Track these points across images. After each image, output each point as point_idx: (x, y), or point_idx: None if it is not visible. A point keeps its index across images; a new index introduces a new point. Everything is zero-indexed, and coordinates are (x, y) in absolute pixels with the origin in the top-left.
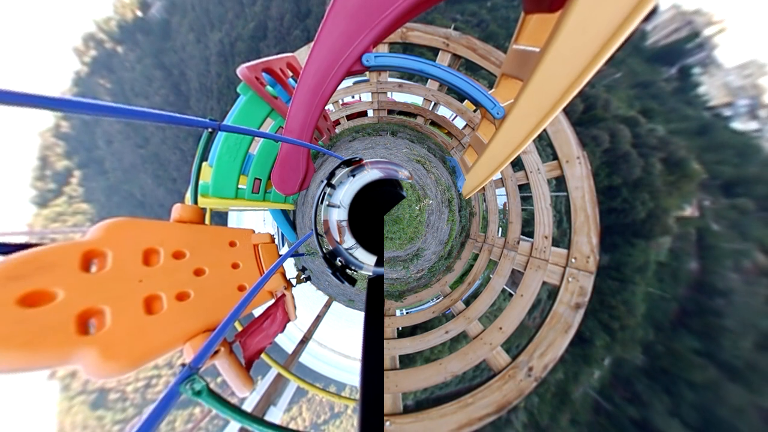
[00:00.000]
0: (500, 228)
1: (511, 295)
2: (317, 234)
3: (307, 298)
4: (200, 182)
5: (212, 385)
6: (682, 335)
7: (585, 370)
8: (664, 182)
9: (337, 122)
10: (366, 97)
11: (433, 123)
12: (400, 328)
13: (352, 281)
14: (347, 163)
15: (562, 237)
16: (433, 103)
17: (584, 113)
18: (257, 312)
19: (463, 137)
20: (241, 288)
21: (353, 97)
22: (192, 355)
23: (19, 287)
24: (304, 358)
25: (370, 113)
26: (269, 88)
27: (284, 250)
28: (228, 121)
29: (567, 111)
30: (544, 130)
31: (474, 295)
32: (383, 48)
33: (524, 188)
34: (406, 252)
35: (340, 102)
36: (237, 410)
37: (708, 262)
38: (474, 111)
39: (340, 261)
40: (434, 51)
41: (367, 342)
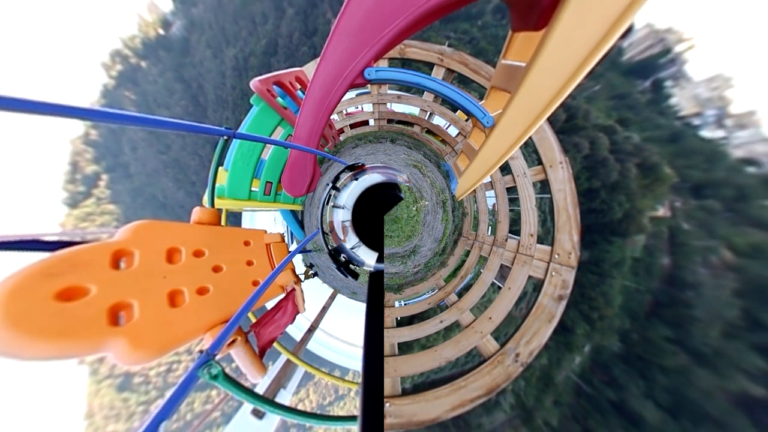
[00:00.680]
0: (490, 227)
1: (500, 288)
2: (323, 232)
3: (315, 291)
4: (217, 185)
5: (227, 371)
6: (656, 324)
7: (567, 356)
8: (639, 185)
9: (342, 130)
10: (368, 108)
11: (429, 131)
12: (399, 318)
13: (355, 275)
14: (350, 168)
15: (546, 235)
16: (429, 113)
17: (566, 122)
18: (270, 305)
19: (456, 144)
20: (255, 283)
21: (356, 108)
22: (210, 343)
23: (56, 283)
24: (311, 346)
25: (372, 122)
26: (279, 100)
27: (293, 247)
28: (242, 130)
29: (551, 120)
30: (530, 138)
31: (466, 288)
32: (383, 63)
33: (512, 191)
34: (404, 249)
35: (344, 112)
36: (250, 392)
37: (679, 258)
38: (466, 120)
39: (344, 257)
40: (430, 66)
41: (369, 330)
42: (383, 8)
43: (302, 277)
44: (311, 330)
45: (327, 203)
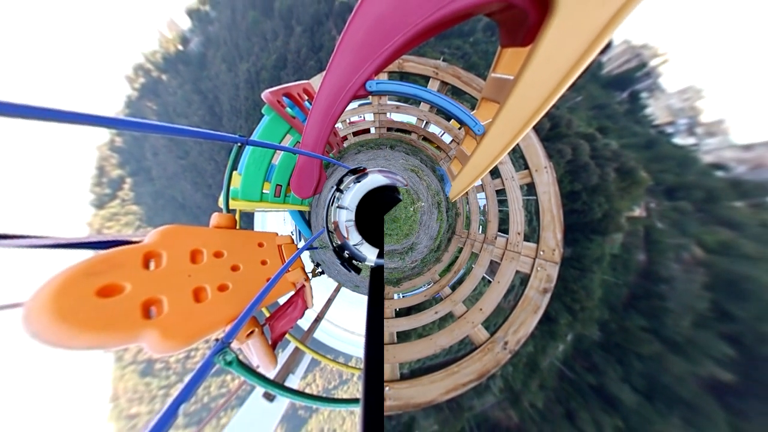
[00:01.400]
0: (481, 226)
1: (490, 282)
2: (328, 231)
3: (321, 284)
4: (231, 188)
5: (241, 357)
6: (632, 315)
7: (551, 344)
8: (617, 188)
9: (345, 138)
10: (369, 117)
11: (425, 138)
12: (397, 309)
13: (358, 270)
14: (353, 172)
15: (532, 233)
16: (425, 122)
17: (551, 130)
18: (282, 301)
19: (450, 150)
20: (269, 280)
21: (359, 117)
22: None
23: (97, 281)
24: (318, 334)
25: (373, 130)
26: (289, 110)
27: (301, 244)
28: (254, 137)
29: (536, 128)
30: (517, 144)
31: (459, 282)
32: (383, 76)
33: (500, 193)
34: (403, 246)
35: (348, 121)
36: (262, 377)
37: (653, 255)
38: (459, 128)
39: (348, 253)
40: (426, 78)
41: (370, 320)
42: (383, 26)
43: (311, 275)
44: (318, 320)
45: (332, 204)
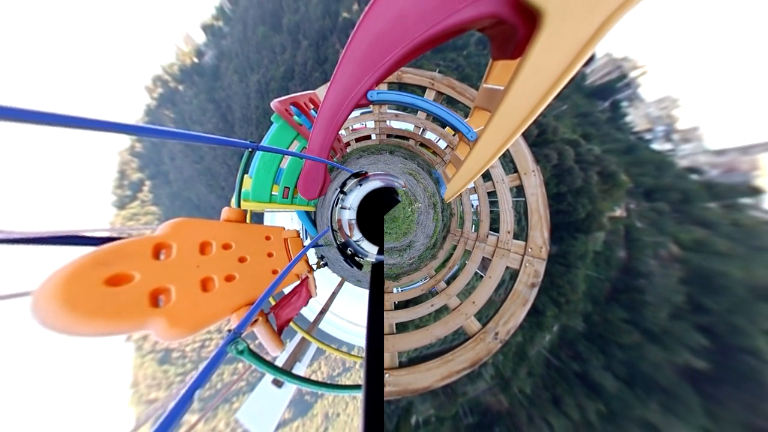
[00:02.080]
0: (473, 225)
1: (482, 277)
2: (333, 230)
3: (325, 279)
4: (243, 190)
5: (251, 347)
6: (614, 307)
7: (539, 335)
8: (600, 190)
9: (348, 144)
10: (370, 125)
11: (422, 144)
12: (396, 302)
13: (360, 266)
14: (356, 175)
15: (521, 232)
16: (422, 129)
17: (538, 136)
18: (287, 290)
19: (445, 155)
20: (275, 272)
21: (361, 125)
22: (236, 323)
23: (106, 271)
24: (323, 325)
25: (374, 137)
26: (296, 118)
27: (307, 242)
28: (264, 143)
29: (525, 135)
30: (507, 150)
31: (453, 277)
32: (383, 86)
33: (492, 194)
34: (401, 243)
35: (350, 128)
36: (271, 365)
37: (633, 252)
38: (453, 135)
39: (350, 250)
40: (422, 89)
41: (371, 313)
42: (383, 41)
43: (314, 267)
44: (322, 312)
45: (336, 205)
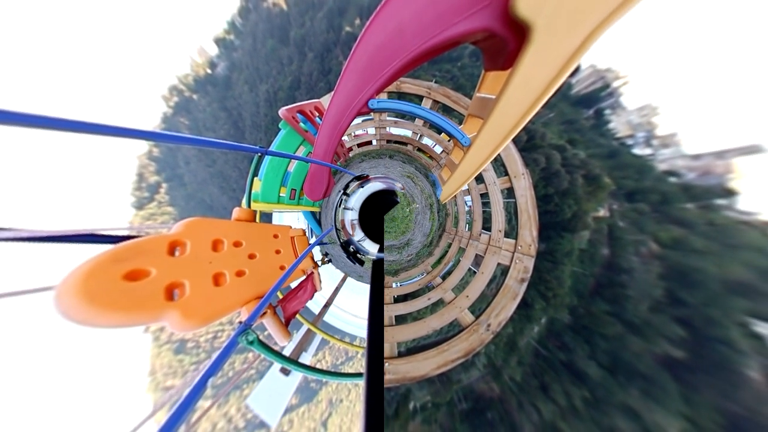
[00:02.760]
0: (467, 224)
1: (475, 273)
2: (336, 229)
3: (329, 275)
4: (252, 191)
5: (261, 337)
6: (597, 301)
7: (528, 326)
8: (584, 192)
9: (351, 149)
10: (371, 131)
11: (419, 149)
12: (396, 296)
13: (361, 263)
14: (358, 178)
15: (512, 231)
16: (419, 135)
17: (527, 142)
18: (294, 285)
19: (441, 159)
20: (282, 268)
21: (362, 131)
22: (247, 315)
23: (124, 267)
24: (327, 318)
25: (374, 142)
26: (302, 125)
27: (312, 240)
28: (272, 148)
29: (515, 140)
30: (499, 154)
31: (448, 273)
32: (383, 95)
33: (484, 196)
34: (400, 242)
35: (353, 134)
36: (279, 355)
37: (616, 249)
38: (448, 141)
39: (353, 248)
40: (420, 98)
41: (372, 306)
42: (383, 53)
43: (319, 263)
44: (327, 305)
45: (339, 206)
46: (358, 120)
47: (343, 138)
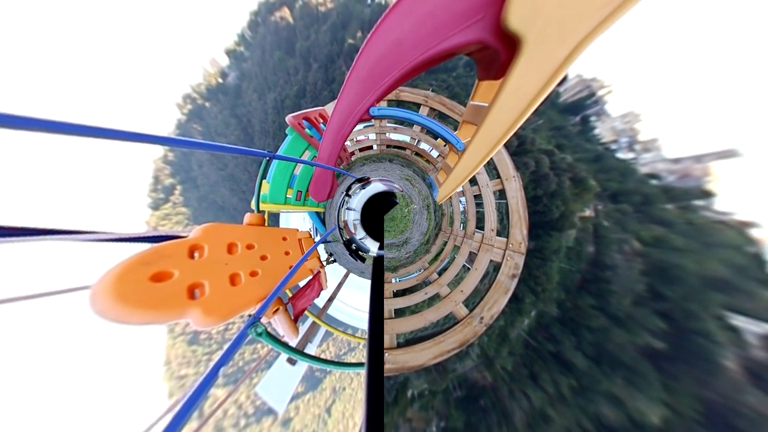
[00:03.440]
0: (462, 224)
1: (469, 269)
2: (339, 228)
3: (333, 271)
4: (261, 193)
5: (268, 329)
6: (583, 295)
7: (518, 319)
8: (571, 193)
9: (353, 153)
10: (372, 136)
11: (417, 153)
12: (395, 291)
13: (363, 259)
14: (359, 180)
15: (503, 230)
16: (417, 140)
17: (518, 147)
18: (302, 284)
19: (437, 163)
20: (291, 267)
21: (364, 137)
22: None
23: (150, 269)
24: (331, 311)
25: (375, 147)
26: (307, 130)
27: (317, 239)
28: (279, 153)
29: (506, 145)
30: (491, 158)
31: (444, 269)
32: (383, 103)
33: (478, 197)
34: (399, 240)
35: (355, 139)
36: (286, 345)
37: (600, 247)
38: (444, 145)
39: (355, 246)
40: (417, 105)
41: (373, 300)
42: (383, 64)
43: (325, 263)
44: (331, 300)
45: (342, 206)
46: (360, 126)
47: (346, 143)
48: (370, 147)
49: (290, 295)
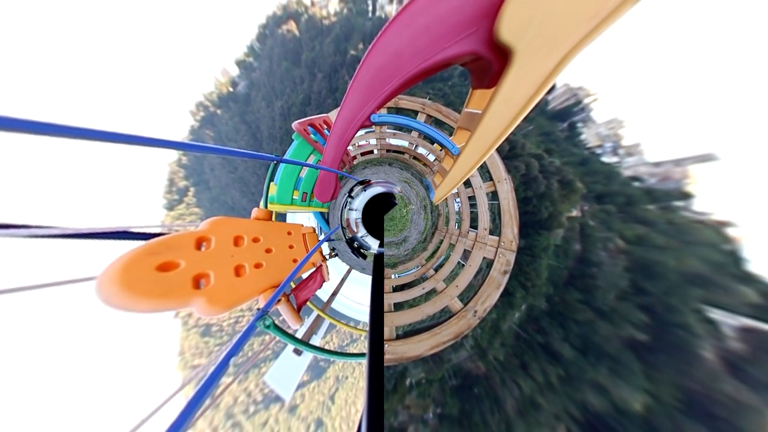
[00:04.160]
0: (457, 223)
1: (463, 265)
2: (342, 227)
3: (336, 268)
4: (269, 195)
5: (276, 322)
6: (571, 290)
7: (510, 312)
8: (559, 195)
9: (355, 157)
10: (373, 141)
11: (415, 157)
12: (394, 286)
13: (364, 257)
14: (361, 183)
15: (495, 229)
16: (415, 145)
17: (509, 151)
18: (305, 276)
19: (434, 166)
20: (295, 261)
21: (365, 142)
22: (264, 303)
23: (157, 259)
24: (335, 305)
25: (375, 151)
26: (312, 136)
27: (321, 237)
28: (286, 157)
29: (498, 150)
30: (484, 162)
31: (440, 265)
32: (384, 111)
33: (472, 198)
34: (398, 238)
35: (357, 144)
36: (292, 337)
37: (586, 245)
38: (440, 150)
39: (357, 244)
40: (415, 112)
41: (373, 294)
42: (383, 73)
43: (327, 257)
44: (334, 294)
45: (345, 207)
46: (362, 132)
47: (348, 148)
48: (371, 151)
49: (293, 287)
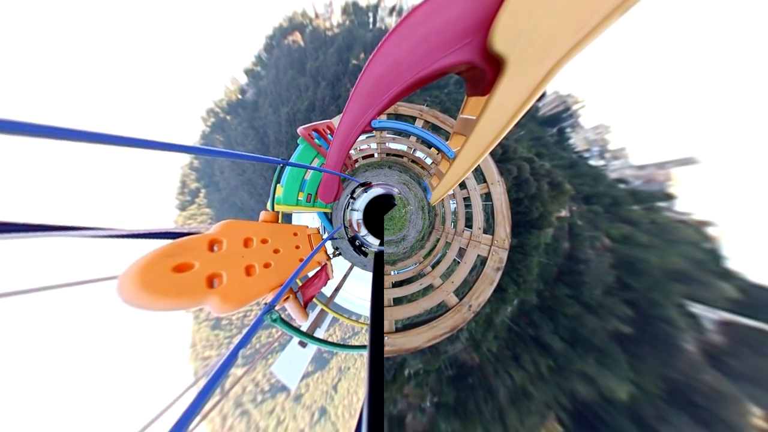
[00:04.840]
0: (452, 223)
1: (459, 263)
2: (344, 227)
3: (339, 265)
4: (276, 196)
5: (282, 316)
6: (560, 286)
7: (502, 307)
8: (549, 196)
9: (356, 160)
10: (373, 146)
11: (413, 161)
12: (393, 282)
13: (365, 254)
14: (362, 185)
15: (489, 228)
16: (413, 149)
17: (502, 155)
18: (311, 274)
19: (431, 169)
20: (301, 260)
21: (366, 146)
22: (271, 298)
23: (173, 261)
24: (337, 300)
25: (376, 155)
26: (316, 141)
27: (325, 236)
28: (292, 160)
29: (492, 153)
30: (478, 165)
31: (437, 263)
32: (383, 117)
33: (467, 199)
34: (397, 237)
35: (358, 148)
36: (297, 330)
37: (575, 243)
38: (437, 154)
39: (358, 242)
40: (413, 118)
41: (374, 290)
42: (383, 81)
43: (331, 256)
44: (337, 290)
45: (347, 207)
46: (363, 137)
47: (351, 151)
48: (372, 155)
49: (300, 285)
